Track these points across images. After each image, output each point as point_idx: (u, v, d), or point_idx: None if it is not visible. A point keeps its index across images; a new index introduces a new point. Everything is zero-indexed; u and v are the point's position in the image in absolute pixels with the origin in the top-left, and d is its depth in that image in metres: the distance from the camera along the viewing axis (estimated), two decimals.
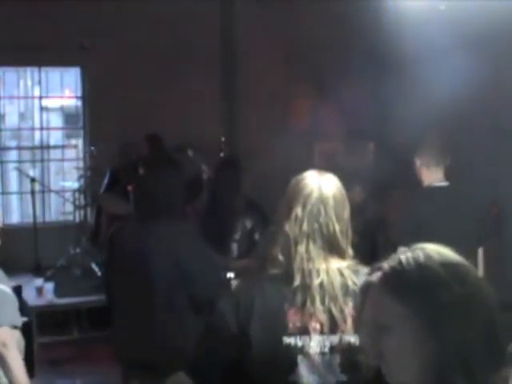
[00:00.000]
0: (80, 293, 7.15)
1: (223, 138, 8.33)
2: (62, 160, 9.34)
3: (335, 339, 2.23)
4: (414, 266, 1.33)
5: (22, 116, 9.90)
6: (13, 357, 3.10)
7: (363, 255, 2.34)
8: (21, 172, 8.74)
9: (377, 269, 1.40)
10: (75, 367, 6.34)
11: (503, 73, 6.87)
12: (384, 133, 7.92)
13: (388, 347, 1.32)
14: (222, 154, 8.11)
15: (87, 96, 8.95)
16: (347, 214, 2.34)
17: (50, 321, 6.99)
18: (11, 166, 9.09)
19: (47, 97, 9.21)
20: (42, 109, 9.13)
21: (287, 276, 2.25)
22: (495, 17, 5.88)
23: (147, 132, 8.17)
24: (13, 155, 9.53)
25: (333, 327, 2.22)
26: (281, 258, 2.29)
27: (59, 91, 9.36)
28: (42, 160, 9.08)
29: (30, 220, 8.29)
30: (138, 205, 4.17)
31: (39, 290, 6.98)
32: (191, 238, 3.72)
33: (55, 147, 9.31)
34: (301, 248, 2.27)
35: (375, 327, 1.35)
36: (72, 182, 8.70)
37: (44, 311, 6.91)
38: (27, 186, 8.35)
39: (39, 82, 8.96)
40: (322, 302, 2.22)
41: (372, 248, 5.04)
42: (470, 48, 6.41)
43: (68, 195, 8.55)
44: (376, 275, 1.39)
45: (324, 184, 2.33)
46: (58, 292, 7.03)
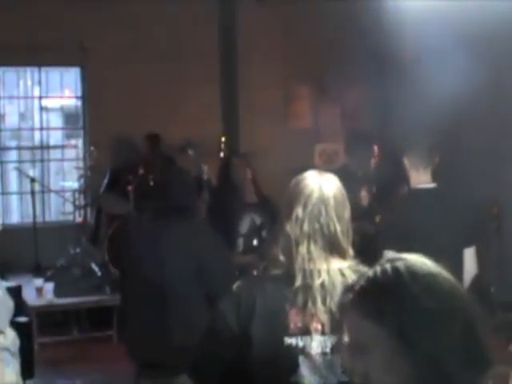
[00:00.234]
0: (80, 293, 7.16)
1: (223, 138, 8.33)
2: (62, 160, 9.34)
3: (336, 339, 2.23)
4: (384, 284, 1.32)
5: (22, 116, 9.89)
6: None
7: (369, 259, 2.33)
8: (21, 172, 8.73)
9: (349, 289, 1.38)
10: (75, 367, 6.34)
11: (503, 73, 6.87)
12: (384, 133, 7.93)
13: (370, 367, 1.32)
14: (222, 154, 8.11)
15: (87, 96, 8.95)
16: (348, 214, 2.34)
17: (50, 321, 6.99)
18: (11, 166, 9.08)
19: (47, 97, 9.20)
20: (42, 109, 9.12)
21: (288, 276, 2.25)
22: (495, 17, 5.89)
23: (147, 132, 8.18)
24: (13, 155, 9.52)
25: (334, 327, 2.22)
26: (282, 259, 2.28)
27: (59, 91, 9.36)
28: (42, 160, 9.08)
29: (30, 220, 8.29)
30: (150, 204, 4.18)
31: (39, 290, 6.99)
32: (208, 237, 3.75)
33: (55, 147, 9.30)
34: (302, 248, 2.26)
35: (355, 347, 1.34)
36: (72, 182, 8.70)
37: (44, 311, 6.91)
38: (27, 186, 8.35)
39: (39, 82, 8.96)
40: (324, 303, 2.21)
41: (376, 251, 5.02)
42: (470, 48, 6.41)
43: (68, 195, 8.55)
44: (348, 296, 1.37)
45: (324, 184, 2.32)
46: (58, 292, 7.03)
